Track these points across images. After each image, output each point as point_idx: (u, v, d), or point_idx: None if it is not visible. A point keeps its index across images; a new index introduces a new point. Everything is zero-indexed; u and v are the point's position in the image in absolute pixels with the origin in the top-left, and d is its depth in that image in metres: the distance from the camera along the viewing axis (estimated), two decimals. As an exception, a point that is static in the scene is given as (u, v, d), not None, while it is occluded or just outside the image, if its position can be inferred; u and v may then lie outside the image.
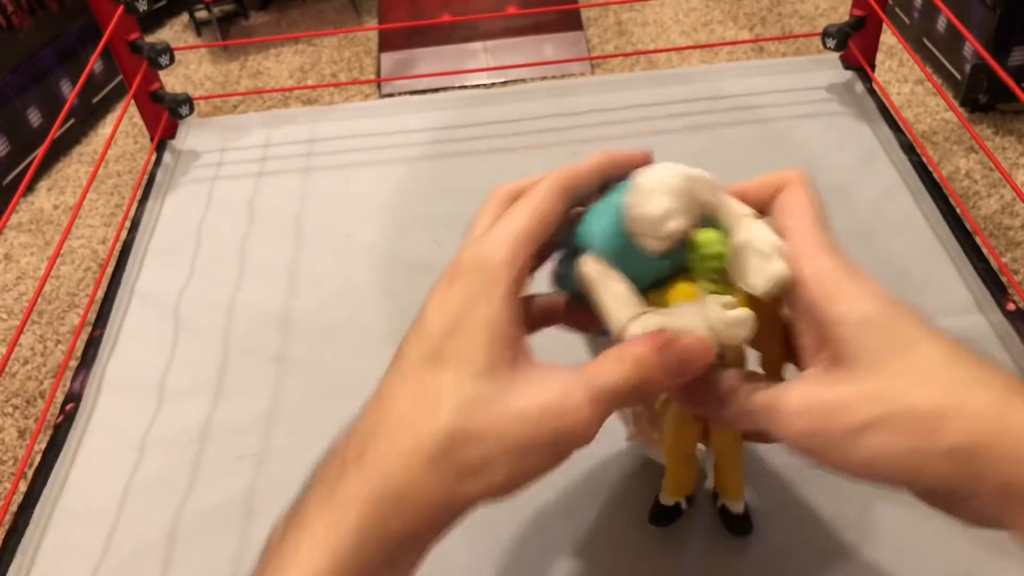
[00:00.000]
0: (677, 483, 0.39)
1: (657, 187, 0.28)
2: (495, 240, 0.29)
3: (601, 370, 0.28)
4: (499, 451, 0.26)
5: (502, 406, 0.26)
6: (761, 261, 0.28)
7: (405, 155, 0.73)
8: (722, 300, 0.29)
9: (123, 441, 0.51)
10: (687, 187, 0.28)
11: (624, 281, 0.30)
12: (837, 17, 1.41)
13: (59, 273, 1.11)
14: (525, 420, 0.26)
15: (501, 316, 0.27)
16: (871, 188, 0.64)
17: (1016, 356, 0.51)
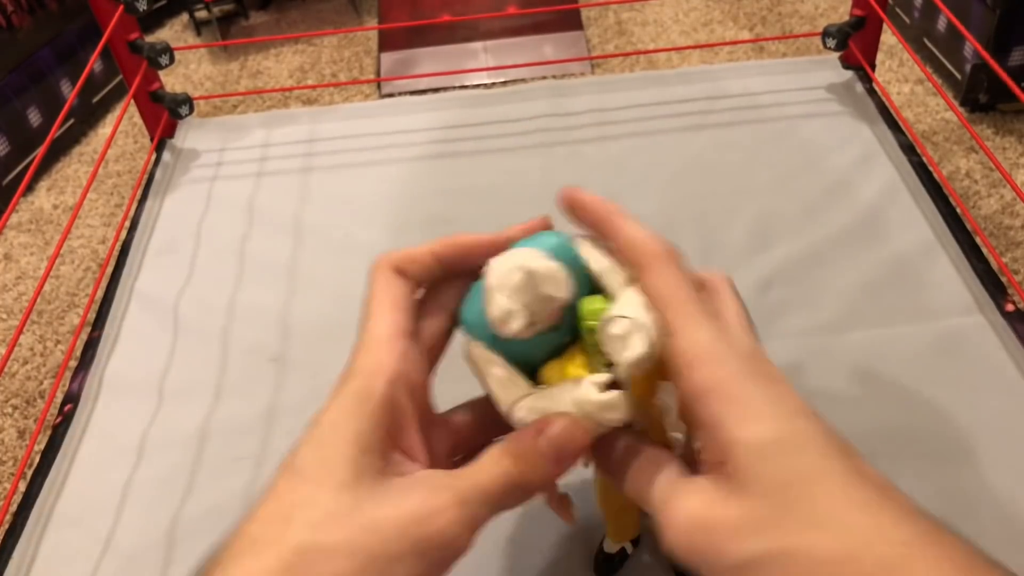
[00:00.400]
0: (618, 530, 0.38)
1: (496, 286, 0.27)
2: (365, 351, 0.28)
3: (475, 471, 0.27)
4: (358, 567, 0.24)
5: (358, 518, 0.25)
6: (619, 343, 0.27)
7: (405, 155, 0.73)
8: (597, 379, 0.28)
9: (122, 442, 0.51)
10: (528, 284, 0.27)
11: (504, 364, 0.29)
12: (837, 17, 1.41)
13: (59, 273, 1.10)
14: (386, 531, 0.25)
15: (371, 429, 0.26)
16: (871, 188, 0.64)
17: (1016, 356, 0.51)
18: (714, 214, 0.63)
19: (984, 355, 0.51)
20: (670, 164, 0.68)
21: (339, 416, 0.27)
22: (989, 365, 0.50)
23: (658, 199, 0.65)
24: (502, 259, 0.28)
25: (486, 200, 0.67)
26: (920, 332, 0.53)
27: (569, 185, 0.31)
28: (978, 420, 0.46)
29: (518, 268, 0.27)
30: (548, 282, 0.27)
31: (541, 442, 0.27)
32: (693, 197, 0.65)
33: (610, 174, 0.68)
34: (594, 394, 0.27)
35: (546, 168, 0.69)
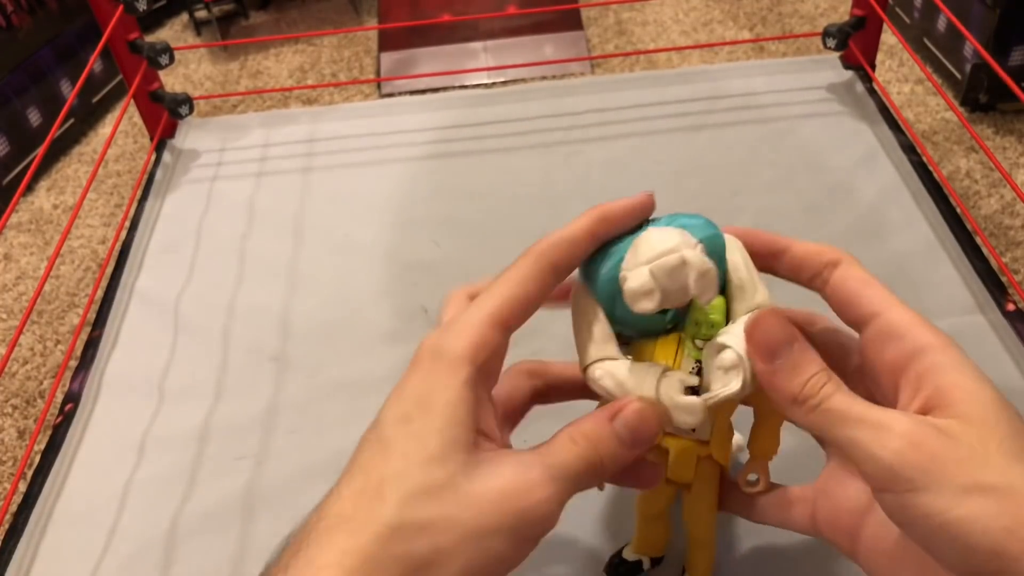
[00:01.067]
0: (644, 541, 0.37)
1: (648, 260, 0.27)
2: (456, 330, 0.27)
3: (556, 449, 0.27)
4: (453, 541, 0.24)
5: (454, 492, 0.24)
6: (720, 372, 0.28)
7: (405, 155, 0.73)
8: (687, 380, 0.28)
9: (122, 441, 0.51)
10: (680, 272, 0.27)
11: (604, 322, 0.29)
12: (837, 17, 1.41)
13: (59, 273, 1.10)
14: (481, 505, 0.25)
15: (459, 402, 0.26)
16: (871, 188, 0.64)
17: (1016, 356, 0.51)
18: (714, 214, 0.63)
19: (984, 355, 0.51)
20: (670, 164, 0.68)
21: (427, 389, 0.26)
22: (989, 365, 0.50)
23: (658, 199, 0.65)
24: (662, 235, 0.28)
25: (486, 200, 0.67)
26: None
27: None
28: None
29: (677, 252, 0.27)
30: (700, 278, 0.27)
31: (617, 425, 0.27)
32: (693, 197, 0.65)
33: (610, 174, 0.68)
34: (678, 393, 0.28)
35: (546, 168, 0.69)
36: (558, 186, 0.67)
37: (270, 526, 0.45)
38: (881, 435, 0.24)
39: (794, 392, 0.27)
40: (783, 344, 0.27)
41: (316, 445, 0.49)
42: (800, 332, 0.28)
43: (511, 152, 0.72)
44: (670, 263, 0.27)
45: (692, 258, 0.27)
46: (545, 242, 0.29)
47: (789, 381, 0.27)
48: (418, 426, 0.25)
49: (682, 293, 0.27)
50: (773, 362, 0.27)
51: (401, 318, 0.57)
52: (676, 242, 0.27)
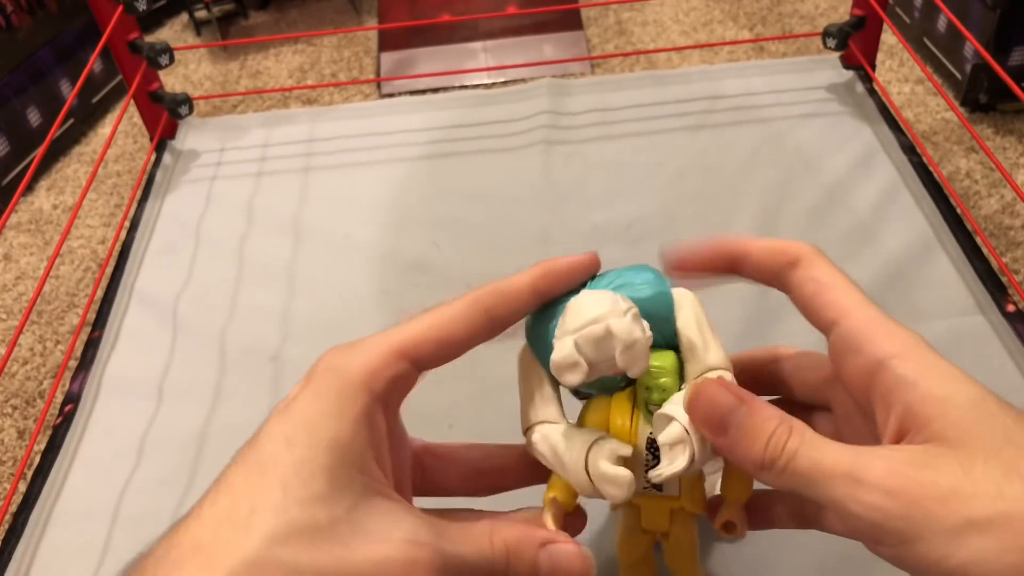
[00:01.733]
0: None
1: (571, 330, 0.25)
2: (360, 351, 0.25)
3: (466, 537, 0.25)
4: None
5: (332, 543, 0.22)
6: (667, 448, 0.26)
7: (404, 155, 0.73)
8: (615, 448, 0.26)
9: (122, 442, 0.51)
10: (605, 344, 0.25)
11: (546, 383, 0.28)
12: (837, 17, 1.41)
13: (58, 273, 1.10)
14: (357, 567, 0.22)
15: (353, 438, 0.23)
16: (871, 188, 0.64)
17: (1016, 356, 0.51)
18: (714, 214, 0.63)
19: (985, 355, 0.51)
20: (670, 164, 0.68)
21: (318, 413, 0.24)
22: (990, 365, 0.50)
23: (658, 199, 0.65)
24: (592, 301, 0.26)
25: (486, 200, 0.67)
26: (920, 332, 0.53)
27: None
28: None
29: (603, 322, 0.25)
30: (626, 351, 0.25)
31: (543, 557, 0.26)
32: (693, 197, 0.65)
33: (610, 174, 0.68)
34: (606, 464, 0.26)
35: (546, 168, 0.69)
36: (558, 186, 0.67)
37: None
38: (856, 490, 0.22)
39: (757, 458, 0.24)
40: (729, 413, 0.25)
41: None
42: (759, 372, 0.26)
43: (511, 152, 0.72)
44: (595, 334, 0.25)
45: (618, 329, 0.25)
46: (485, 288, 0.27)
47: (748, 449, 0.24)
48: (302, 455, 0.23)
49: (610, 364, 0.25)
50: (726, 434, 0.25)
51: (400, 318, 0.57)
52: (604, 310, 0.25)
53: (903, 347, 0.24)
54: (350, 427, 0.24)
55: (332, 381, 0.25)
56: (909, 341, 0.25)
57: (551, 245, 0.60)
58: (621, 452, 0.26)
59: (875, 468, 0.22)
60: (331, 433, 0.23)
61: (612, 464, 0.26)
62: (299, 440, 0.23)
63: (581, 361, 0.25)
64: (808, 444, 0.24)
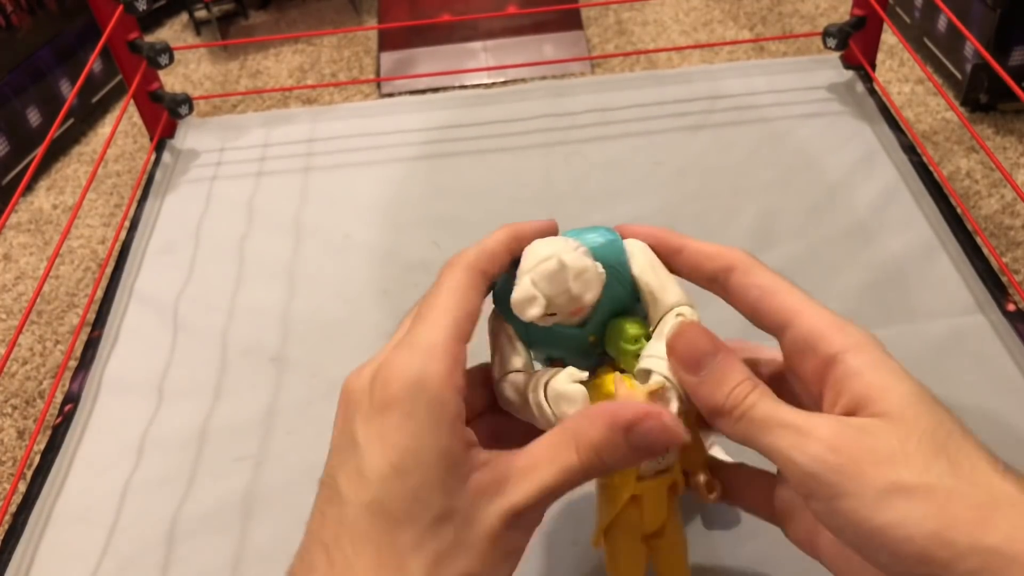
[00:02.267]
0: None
1: (527, 269, 0.28)
2: (425, 352, 0.26)
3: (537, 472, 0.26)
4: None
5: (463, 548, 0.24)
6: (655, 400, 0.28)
7: (404, 155, 0.72)
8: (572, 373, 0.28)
9: (122, 442, 0.51)
10: (558, 276, 0.27)
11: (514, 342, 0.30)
12: (838, 17, 1.41)
13: (58, 273, 1.10)
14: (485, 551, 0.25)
15: (453, 446, 0.25)
16: (871, 188, 0.64)
17: (1016, 356, 0.51)
18: (714, 214, 0.63)
19: (985, 355, 0.51)
20: (670, 164, 0.68)
21: (415, 438, 0.24)
22: (990, 365, 0.50)
23: (658, 199, 0.65)
24: (542, 244, 0.28)
25: (486, 200, 0.67)
26: (921, 332, 0.53)
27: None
28: (979, 420, 0.46)
29: (554, 257, 0.27)
30: (578, 279, 0.27)
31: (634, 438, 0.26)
32: (693, 197, 0.65)
33: (610, 174, 0.68)
34: (563, 384, 0.28)
35: (546, 168, 0.69)
36: (558, 186, 0.67)
37: (270, 527, 0.45)
38: (802, 440, 0.24)
39: (719, 403, 0.26)
40: (707, 355, 0.27)
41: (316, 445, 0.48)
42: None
43: (511, 152, 0.72)
44: (548, 268, 0.27)
45: (569, 260, 0.27)
46: (471, 253, 0.29)
47: (713, 392, 0.26)
48: (417, 482, 0.24)
49: (567, 297, 0.27)
50: (698, 373, 0.27)
51: (400, 318, 0.57)
52: (554, 248, 0.27)
53: (856, 343, 0.26)
54: (448, 437, 0.25)
55: (421, 398, 0.25)
56: (862, 338, 0.26)
57: (551, 245, 0.60)
58: (577, 376, 0.28)
59: (822, 427, 0.24)
60: (435, 450, 0.24)
61: (572, 383, 0.28)
62: (409, 468, 0.24)
63: (538, 295, 0.27)
64: (766, 400, 0.26)
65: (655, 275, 0.29)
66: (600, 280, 0.28)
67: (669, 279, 0.29)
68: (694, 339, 0.27)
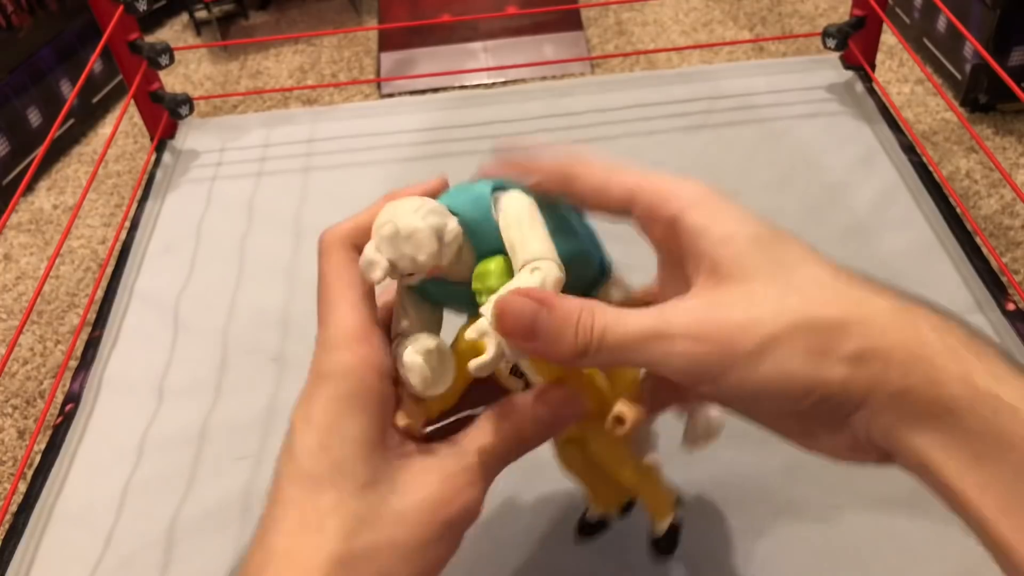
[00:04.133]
0: (594, 497, 0.36)
1: (373, 232, 0.28)
2: (332, 345, 0.28)
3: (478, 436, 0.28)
4: (397, 562, 0.25)
5: (390, 514, 0.26)
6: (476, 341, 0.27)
7: (404, 155, 0.73)
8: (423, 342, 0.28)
9: (122, 441, 0.51)
10: (394, 239, 0.27)
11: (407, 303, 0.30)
12: (837, 17, 1.41)
13: (59, 273, 1.10)
14: (416, 520, 0.26)
15: (372, 423, 0.26)
16: (871, 188, 0.64)
17: (1016, 355, 0.51)
18: (714, 214, 0.63)
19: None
20: (670, 164, 0.68)
21: (337, 417, 0.26)
22: (989, 365, 0.50)
23: (658, 199, 0.65)
24: (389, 207, 0.28)
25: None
26: (920, 332, 0.53)
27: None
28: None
29: (390, 221, 0.27)
30: (409, 242, 0.27)
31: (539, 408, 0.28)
32: (693, 197, 0.65)
33: (610, 174, 0.68)
34: (408, 353, 0.28)
35: (546, 168, 0.69)
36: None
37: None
38: (665, 343, 0.24)
39: (571, 350, 0.25)
40: (533, 318, 0.26)
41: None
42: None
43: (511, 152, 0.72)
44: (386, 232, 0.27)
45: (404, 224, 0.27)
46: (344, 227, 0.30)
47: (561, 344, 0.25)
48: (339, 456, 0.26)
49: (411, 261, 0.27)
50: (536, 338, 0.26)
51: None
52: (394, 212, 0.28)
53: (692, 199, 0.27)
54: (368, 416, 0.26)
55: (341, 380, 0.27)
56: (697, 192, 0.27)
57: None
58: (427, 345, 0.28)
59: (678, 321, 0.24)
60: (356, 428, 0.26)
61: (415, 354, 0.28)
62: (331, 444, 0.26)
63: (380, 258, 0.27)
64: (613, 320, 0.25)
65: (518, 230, 0.29)
66: (431, 239, 0.27)
67: (532, 231, 0.28)
68: (514, 308, 0.26)
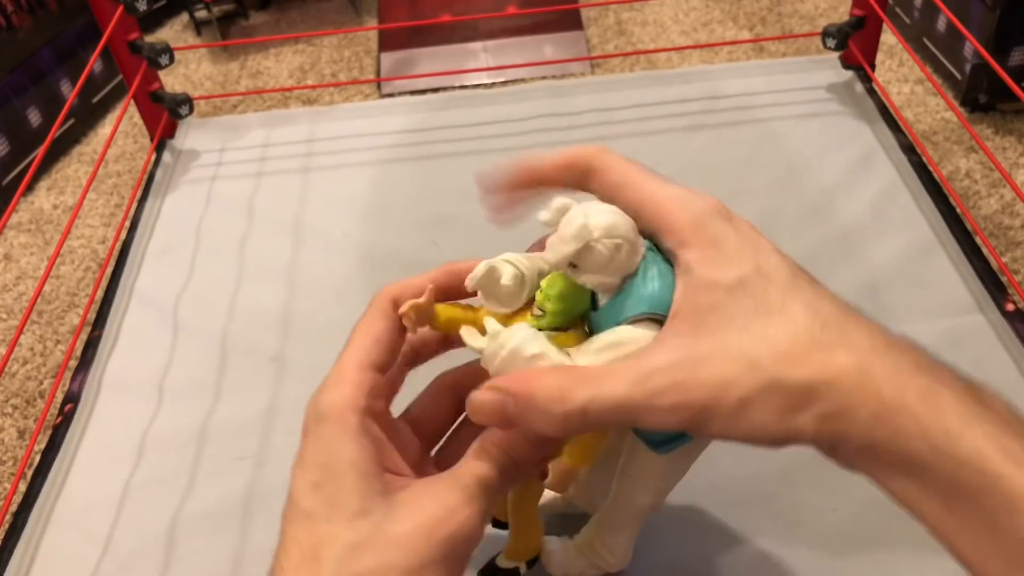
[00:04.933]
0: (517, 547, 0.36)
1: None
2: (330, 387, 0.29)
3: (470, 466, 0.28)
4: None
5: (384, 539, 0.26)
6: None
7: (404, 155, 0.73)
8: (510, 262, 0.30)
9: (122, 441, 0.51)
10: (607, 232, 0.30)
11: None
12: (837, 17, 1.41)
13: (59, 273, 1.10)
14: (411, 543, 0.26)
15: (360, 455, 0.27)
16: (871, 188, 0.64)
17: (1016, 356, 0.51)
18: (714, 214, 0.63)
19: (984, 355, 0.51)
20: (670, 164, 0.68)
21: (326, 453, 0.27)
22: (989, 365, 0.50)
23: (658, 199, 0.65)
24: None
25: (486, 200, 0.67)
26: (920, 332, 0.52)
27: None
28: (978, 420, 0.46)
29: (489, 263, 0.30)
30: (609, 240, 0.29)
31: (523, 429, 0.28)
32: (693, 197, 0.65)
33: (610, 174, 0.68)
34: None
35: (546, 168, 0.69)
36: (558, 186, 0.67)
37: (270, 526, 0.45)
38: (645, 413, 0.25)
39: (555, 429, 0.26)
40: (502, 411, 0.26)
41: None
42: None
43: (511, 152, 0.72)
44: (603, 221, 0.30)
45: (610, 220, 0.29)
46: (386, 287, 0.31)
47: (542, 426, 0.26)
48: (331, 490, 0.27)
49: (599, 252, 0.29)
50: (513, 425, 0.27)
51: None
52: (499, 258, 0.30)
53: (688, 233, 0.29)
54: (354, 449, 0.27)
55: (322, 424, 0.28)
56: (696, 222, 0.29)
57: (551, 245, 0.60)
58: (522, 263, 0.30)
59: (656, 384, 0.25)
60: (344, 462, 0.27)
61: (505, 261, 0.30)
62: (323, 481, 0.27)
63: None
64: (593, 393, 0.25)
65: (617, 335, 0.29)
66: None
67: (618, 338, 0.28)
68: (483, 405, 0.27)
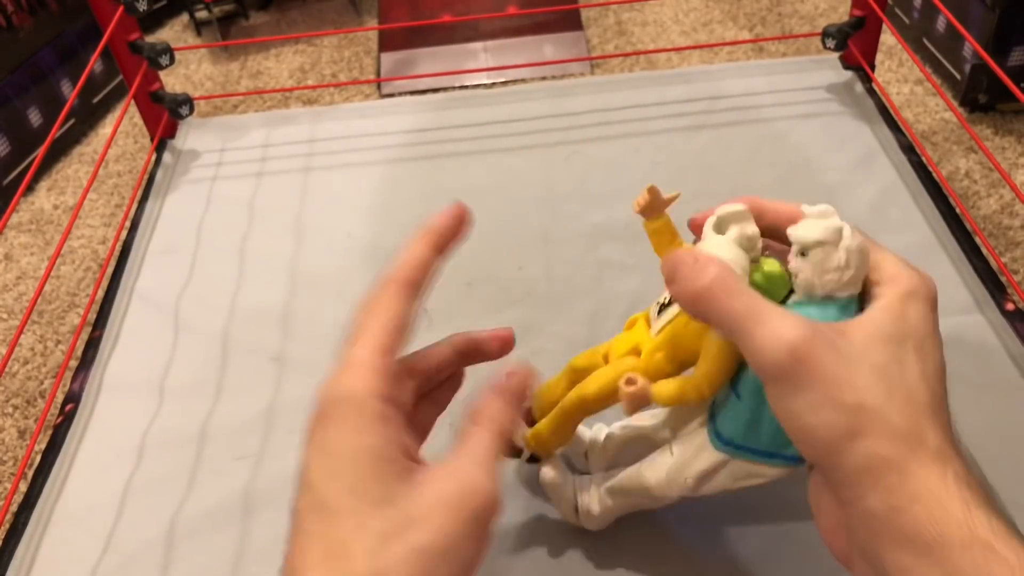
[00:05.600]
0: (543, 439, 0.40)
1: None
2: (349, 372, 0.28)
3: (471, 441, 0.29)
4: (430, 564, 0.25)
5: (413, 524, 0.25)
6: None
7: (404, 155, 0.73)
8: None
9: (122, 441, 0.51)
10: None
11: None
12: (837, 17, 1.41)
13: (59, 273, 1.10)
14: (441, 525, 0.26)
15: (382, 442, 0.27)
16: (871, 188, 0.64)
17: (1016, 356, 0.51)
18: (714, 214, 0.63)
19: (984, 354, 0.51)
20: (670, 164, 0.68)
21: (346, 440, 0.27)
22: (989, 364, 0.51)
23: (658, 199, 0.65)
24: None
25: (486, 200, 0.66)
26: (920, 332, 0.53)
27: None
28: (978, 419, 0.46)
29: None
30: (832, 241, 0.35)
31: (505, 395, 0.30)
32: (693, 197, 0.64)
33: (610, 174, 0.68)
34: None
35: (546, 168, 0.69)
36: (558, 186, 0.67)
37: (270, 526, 0.45)
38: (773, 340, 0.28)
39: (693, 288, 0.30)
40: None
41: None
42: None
43: (511, 152, 0.72)
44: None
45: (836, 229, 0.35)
46: (397, 268, 0.31)
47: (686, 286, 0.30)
48: (353, 480, 0.26)
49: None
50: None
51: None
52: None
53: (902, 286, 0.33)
54: (376, 435, 0.27)
55: (341, 408, 0.28)
56: (906, 279, 0.32)
57: (551, 244, 0.60)
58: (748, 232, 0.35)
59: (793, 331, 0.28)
60: (365, 450, 0.27)
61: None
62: (342, 469, 0.26)
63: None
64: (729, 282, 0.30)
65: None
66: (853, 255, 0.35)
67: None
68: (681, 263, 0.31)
